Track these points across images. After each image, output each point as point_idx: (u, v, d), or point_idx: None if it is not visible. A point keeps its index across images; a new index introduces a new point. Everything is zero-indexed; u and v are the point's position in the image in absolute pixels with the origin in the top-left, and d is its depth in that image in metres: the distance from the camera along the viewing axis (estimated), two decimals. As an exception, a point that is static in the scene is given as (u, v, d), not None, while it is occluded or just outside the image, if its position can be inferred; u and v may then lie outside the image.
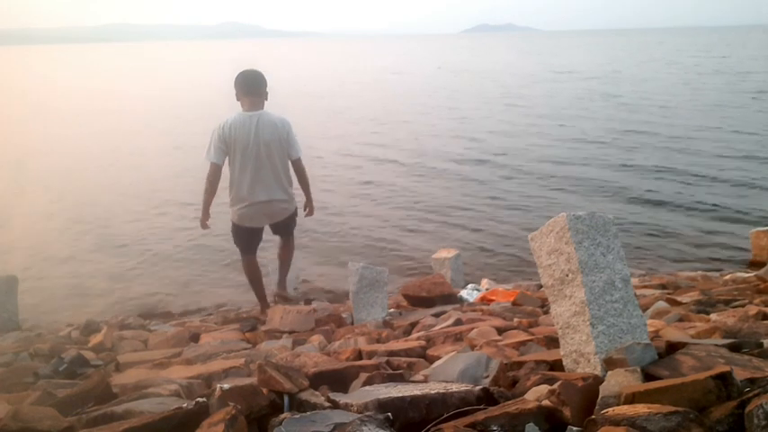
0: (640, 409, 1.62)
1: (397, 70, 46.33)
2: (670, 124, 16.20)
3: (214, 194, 4.61)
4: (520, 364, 2.37)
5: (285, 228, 5.00)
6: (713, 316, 3.35)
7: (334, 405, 2.02)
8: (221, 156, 4.43)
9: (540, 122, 17.89)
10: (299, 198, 4.96)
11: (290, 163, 4.62)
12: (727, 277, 5.62)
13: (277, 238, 5.19)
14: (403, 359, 2.97)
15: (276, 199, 4.63)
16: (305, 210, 5.02)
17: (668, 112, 18.46)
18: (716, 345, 2.20)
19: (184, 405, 1.94)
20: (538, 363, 2.35)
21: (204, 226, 4.78)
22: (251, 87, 4.46)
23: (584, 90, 25.95)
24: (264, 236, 5.02)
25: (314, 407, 1.99)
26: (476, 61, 54.31)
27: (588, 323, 2.10)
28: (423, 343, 3.36)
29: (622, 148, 13.72)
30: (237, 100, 4.54)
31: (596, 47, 79.03)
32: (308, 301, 5.90)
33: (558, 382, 1.92)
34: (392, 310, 4.94)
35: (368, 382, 2.39)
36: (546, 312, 4.15)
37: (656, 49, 66.43)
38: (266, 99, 4.56)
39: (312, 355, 3.11)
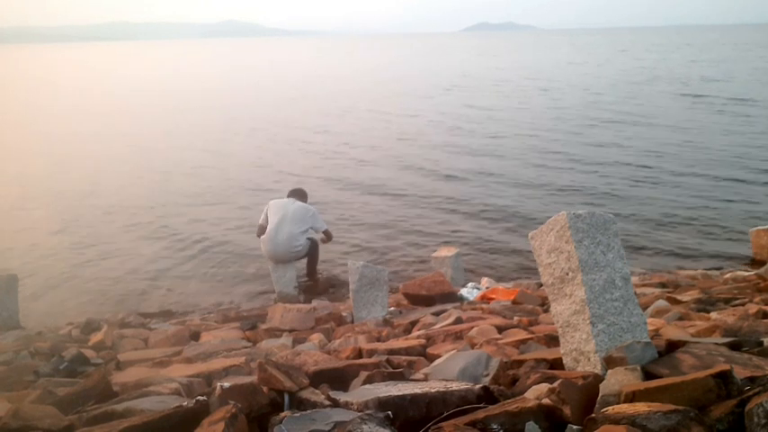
0: (640, 407, 1.62)
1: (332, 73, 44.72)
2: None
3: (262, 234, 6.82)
4: (520, 363, 2.37)
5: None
6: (713, 314, 3.36)
7: (335, 403, 2.02)
8: (266, 219, 6.69)
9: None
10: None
11: (308, 230, 6.70)
12: (728, 276, 5.61)
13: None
14: (403, 358, 2.97)
15: (287, 250, 6.55)
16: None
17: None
18: (716, 343, 2.20)
19: (185, 403, 1.94)
20: (538, 361, 2.35)
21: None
22: (295, 195, 6.92)
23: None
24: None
25: (314, 405, 2.00)
26: (419, 62, 54.01)
27: (588, 322, 2.10)
28: (423, 341, 3.37)
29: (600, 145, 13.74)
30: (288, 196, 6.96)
31: (566, 47, 77.32)
32: (308, 300, 5.91)
33: (558, 381, 1.91)
34: (392, 308, 4.94)
35: (368, 381, 2.39)
36: (546, 311, 4.15)
37: (617, 49, 65.44)
38: (305, 200, 6.94)
39: (312, 354, 3.11)
